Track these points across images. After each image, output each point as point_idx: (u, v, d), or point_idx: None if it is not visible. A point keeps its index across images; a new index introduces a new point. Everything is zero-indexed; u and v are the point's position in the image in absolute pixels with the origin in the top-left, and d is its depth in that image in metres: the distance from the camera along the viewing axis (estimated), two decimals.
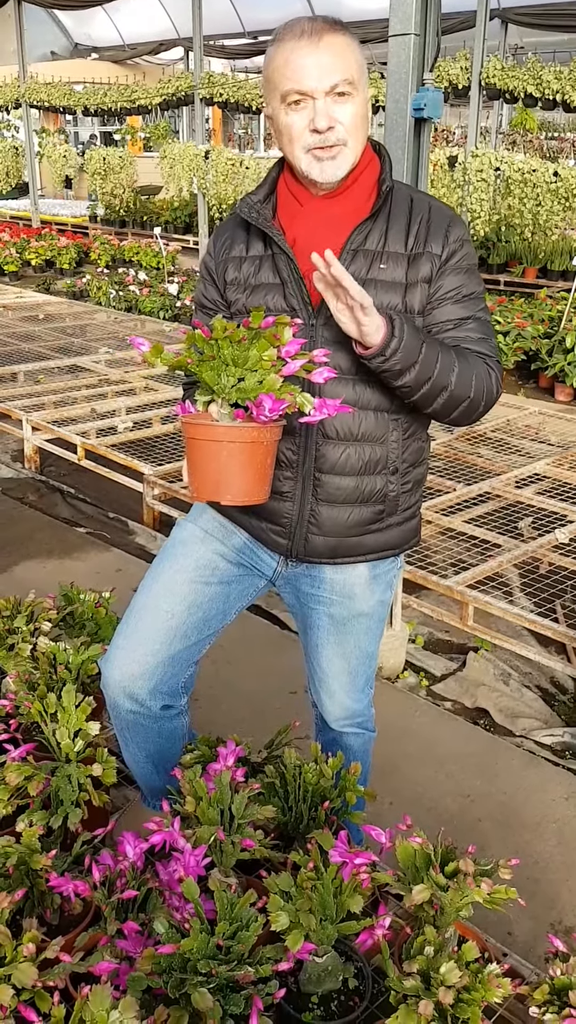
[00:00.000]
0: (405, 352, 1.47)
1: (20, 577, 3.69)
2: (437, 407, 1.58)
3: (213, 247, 1.71)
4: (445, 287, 1.59)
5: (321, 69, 1.47)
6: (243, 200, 1.64)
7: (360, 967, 1.51)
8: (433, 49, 2.61)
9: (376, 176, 1.61)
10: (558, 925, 2.11)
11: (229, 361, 1.41)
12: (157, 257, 11.16)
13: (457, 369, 1.54)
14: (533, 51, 12.08)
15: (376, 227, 1.58)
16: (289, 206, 1.62)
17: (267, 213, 1.62)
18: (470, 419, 1.63)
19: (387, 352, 1.46)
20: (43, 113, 16.36)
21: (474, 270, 1.64)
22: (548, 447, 5.12)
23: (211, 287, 1.71)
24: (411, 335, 1.48)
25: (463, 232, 1.62)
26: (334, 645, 1.80)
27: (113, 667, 1.74)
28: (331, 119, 1.50)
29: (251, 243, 1.65)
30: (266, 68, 1.54)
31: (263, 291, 1.61)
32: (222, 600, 1.77)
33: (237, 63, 17.30)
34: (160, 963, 1.32)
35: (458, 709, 3.02)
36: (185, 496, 4.20)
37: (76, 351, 7.10)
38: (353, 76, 1.50)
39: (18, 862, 1.50)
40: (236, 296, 1.65)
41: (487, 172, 9.33)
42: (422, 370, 1.50)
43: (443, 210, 1.63)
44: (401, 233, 1.58)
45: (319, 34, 1.48)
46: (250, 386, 1.41)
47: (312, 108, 1.50)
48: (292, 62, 1.48)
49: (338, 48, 1.49)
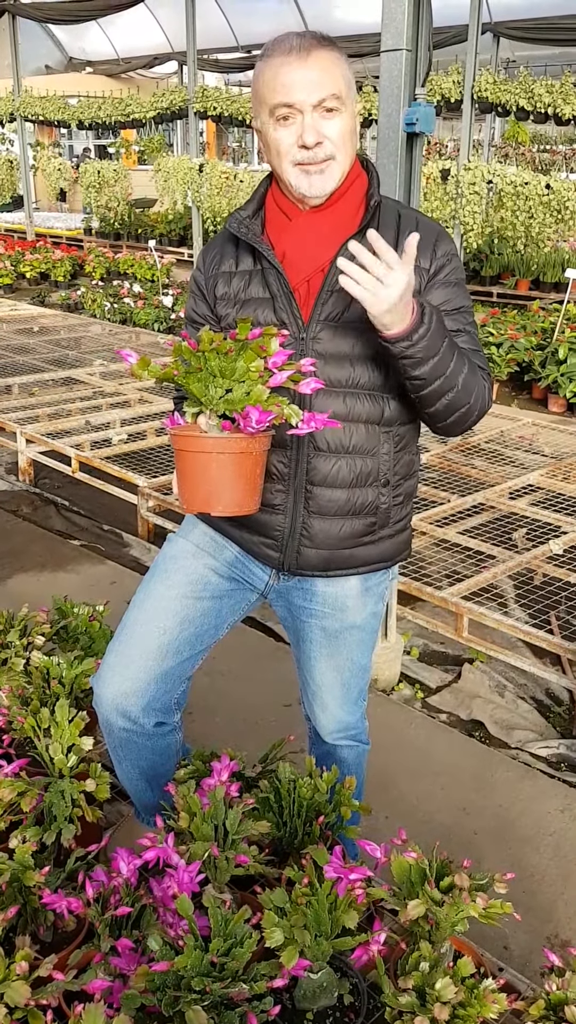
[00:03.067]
0: (430, 341, 1.47)
1: (13, 590, 3.68)
2: (439, 407, 1.57)
3: (202, 262, 1.71)
4: (433, 301, 1.59)
5: (309, 84, 1.48)
6: (232, 215, 1.65)
7: (355, 983, 1.50)
8: (425, 64, 2.62)
9: (364, 191, 1.62)
10: (554, 939, 2.10)
11: (216, 372, 1.41)
12: (152, 270, 11.18)
13: (464, 373, 1.55)
14: (525, 65, 12.15)
15: (365, 242, 1.58)
16: (278, 221, 1.63)
17: (256, 228, 1.62)
18: (462, 427, 1.64)
19: (414, 337, 1.46)
20: (37, 126, 16.40)
21: (462, 284, 1.65)
22: (542, 458, 5.13)
23: (201, 302, 1.71)
24: (438, 326, 1.49)
25: (451, 247, 1.63)
26: (327, 658, 1.80)
27: (105, 685, 1.73)
28: (319, 134, 1.50)
29: (240, 258, 1.65)
30: (255, 83, 1.55)
31: (253, 305, 1.61)
32: (214, 615, 1.76)
33: (231, 77, 17.39)
34: (154, 980, 1.31)
35: (453, 721, 3.02)
36: (179, 508, 4.20)
37: (71, 363, 7.10)
38: (341, 91, 1.50)
39: (11, 879, 1.48)
40: (226, 311, 1.65)
41: (480, 185, 9.37)
42: (439, 364, 1.50)
43: (431, 225, 1.64)
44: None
45: (307, 49, 1.49)
46: (237, 397, 1.41)
47: (300, 123, 1.50)
48: (280, 77, 1.49)
49: (326, 63, 1.49)
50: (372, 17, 4.56)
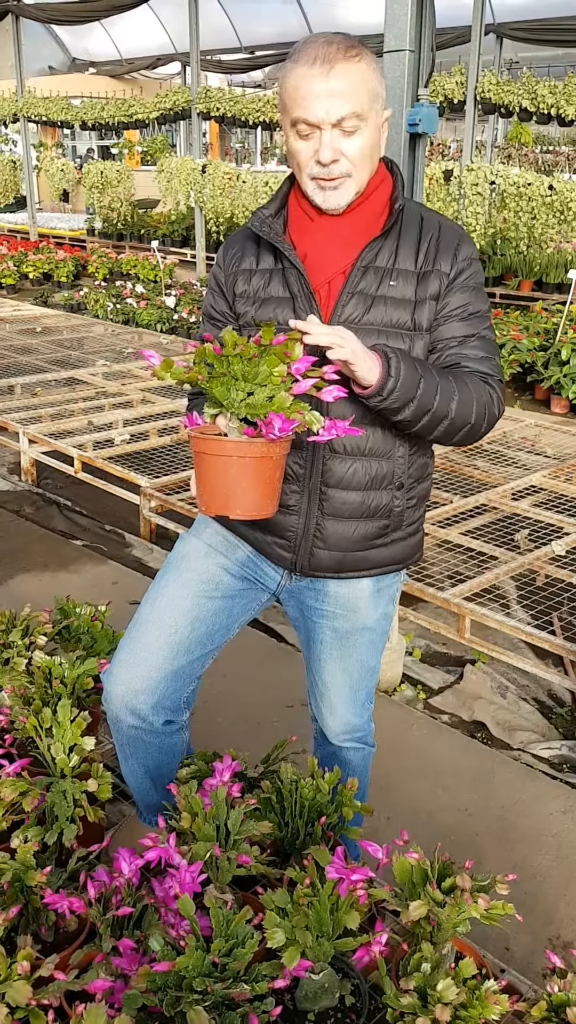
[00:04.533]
0: (402, 390, 1.47)
1: (16, 590, 3.68)
2: (439, 434, 1.58)
3: (223, 259, 1.70)
4: (452, 304, 1.59)
5: (329, 101, 1.46)
6: (254, 214, 1.64)
7: (357, 984, 1.50)
8: (428, 65, 2.63)
9: (388, 194, 1.61)
10: (556, 940, 2.10)
11: (239, 376, 1.40)
12: (154, 270, 11.20)
13: (457, 397, 1.54)
14: (528, 66, 12.18)
15: (387, 245, 1.58)
16: (300, 221, 1.62)
17: (278, 227, 1.62)
18: (473, 440, 1.64)
19: (384, 392, 1.47)
20: (41, 127, 16.44)
21: (481, 288, 1.64)
22: (544, 459, 5.13)
23: (220, 299, 1.71)
24: (408, 372, 1.48)
25: (472, 251, 1.63)
26: (336, 659, 1.80)
27: (116, 682, 1.73)
28: (336, 151, 1.49)
29: (261, 256, 1.65)
30: (280, 86, 1.53)
31: (272, 305, 1.61)
32: (225, 614, 1.76)
33: (234, 78, 17.43)
34: (155, 981, 1.31)
35: (455, 722, 3.02)
36: (182, 508, 4.20)
37: (73, 363, 7.11)
38: (363, 108, 1.48)
39: (13, 879, 1.49)
40: (245, 309, 1.65)
41: (482, 186, 9.38)
42: (421, 403, 1.50)
43: (453, 229, 1.63)
44: (411, 251, 1.58)
45: (331, 62, 1.45)
46: (259, 401, 1.40)
47: (318, 139, 1.49)
48: (301, 89, 1.47)
49: (350, 78, 1.46)
50: (375, 18, 4.56)
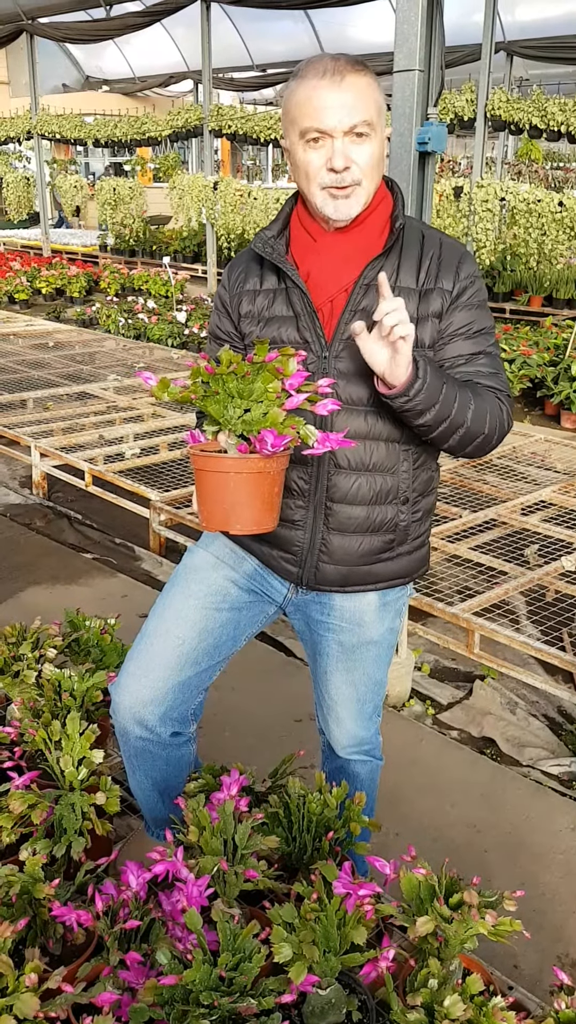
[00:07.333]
0: (428, 392, 1.49)
1: (26, 603, 3.70)
2: (453, 443, 1.60)
3: (227, 280, 1.73)
4: (456, 323, 1.60)
5: (342, 109, 1.49)
6: (257, 235, 1.67)
7: (364, 1000, 1.49)
8: (437, 84, 2.65)
9: (389, 212, 1.63)
10: (564, 958, 2.09)
11: (235, 393, 1.42)
12: (166, 286, 11.26)
13: (473, 407, 1.56)
14: (538, 83, 12.23)
15: (388, 263, 1.60)
16: (302, 241, 1.64)
17: (281, 248, 1.64)
18: (483, 452, 1.65)
19: (411, 392, 1.48)
20: (54, 144, 16.58)
21: (484, 306, 1.65)
22: (554, 474, 5.12)
23: (225, 319, 1.73)
24: (434, 376, 1.50)
25: (474, 268, 1.64)
26: (343, 672, 1.81)
27: (124, 693, 1.74)
28: (348, 159, 1.51)
29: (265, 276, 1.67)
30: (286, 102, 1.56)
31: (277, 324, 1.63)
32: (232, 626, 1.78)
33: (246, 95, 17.55)
34: (162, 994, 1.31)
35: (464, 738, 3.01)
36: (191, 522, 4.21)
37: (85, 378, 7.15)
38: (372, 118, 1.51)
39: (21, 891, 1.49)
40: (250, 328, 1.67)
41: (492, 202, 9.41)
42: (441, 410, 1.52)
43: (454, 246, 1.65)
44: (413, 269, 1.60)
45: (341, 74, 1.49)
46: (255, 417, 1.42)
47: (330, 147, 1.51)
48: (313, 100, 1.50)
49: (360, 89, 1.50)
50: (385, 37, 4.60)
